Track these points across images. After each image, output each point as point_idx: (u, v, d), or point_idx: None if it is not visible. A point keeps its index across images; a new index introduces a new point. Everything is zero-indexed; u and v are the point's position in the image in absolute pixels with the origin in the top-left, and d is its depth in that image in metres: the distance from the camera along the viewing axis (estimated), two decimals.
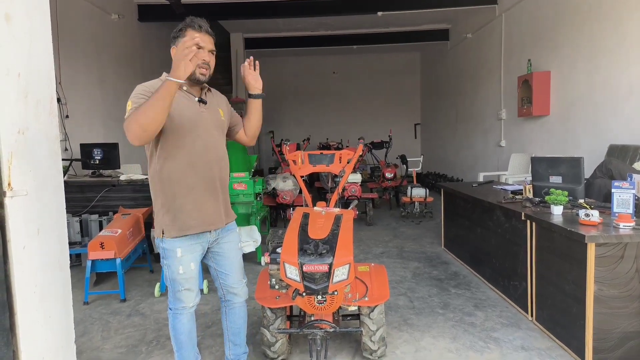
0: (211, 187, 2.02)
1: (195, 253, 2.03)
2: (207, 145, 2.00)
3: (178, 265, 2.00)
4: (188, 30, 1.93)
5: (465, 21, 8.50)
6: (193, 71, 1.89)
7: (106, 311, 3.35)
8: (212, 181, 2.03)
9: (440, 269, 4.20)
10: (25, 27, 1.73)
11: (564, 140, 5.36)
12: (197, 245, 2.03)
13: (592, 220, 2.45)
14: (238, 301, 2.24)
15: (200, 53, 1.90)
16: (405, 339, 2.78)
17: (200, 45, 1.91)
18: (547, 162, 3.19)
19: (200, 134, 1.97)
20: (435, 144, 11.03)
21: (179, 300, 2.05)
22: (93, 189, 4.67)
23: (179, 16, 7.10)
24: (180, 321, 2.08)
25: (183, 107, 1.94)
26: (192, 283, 2.05)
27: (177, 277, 2.01)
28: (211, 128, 2.03)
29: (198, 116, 1.98)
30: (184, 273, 2.01)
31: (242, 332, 2.30)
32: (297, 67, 12.29)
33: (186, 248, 2.00)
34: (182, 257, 1.99)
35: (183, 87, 1.96)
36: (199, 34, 1.92)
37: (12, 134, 1.64)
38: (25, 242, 1.71)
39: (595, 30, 4.73)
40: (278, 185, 5.68)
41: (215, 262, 2.16)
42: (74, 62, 5.79)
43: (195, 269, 2.04)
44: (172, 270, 2.01)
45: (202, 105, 2.01)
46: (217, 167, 2.05)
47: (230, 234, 2.18)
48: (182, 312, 2.07)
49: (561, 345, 2.62)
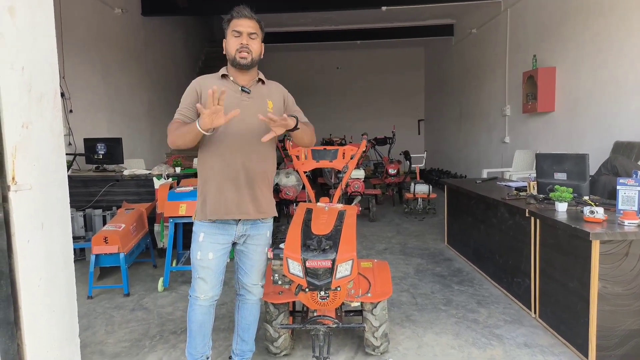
0: (233, 175, 2.00)
1: (216, 243, 2.04)
2: (237, 134, 1.98)
3: (197, 250, 2.04)
4: (230, 22, 2.02)
5: (470, 16, 8.44)
6: (233, 57, 1.99)
7: (110, 305, 3.37)
8: (234, 170, 2.00)
9: (443, 266, 4.19)
10: (29, 20, 1.73)
11: (569, 137, 5.32)
12: (219, 235, 2.04)
13: (597, 217, 2.44)
14: (251, 298, 2.24)
15: (237, 39, 1.98)
16: (407, 335, 2.78)
17: (239, 30, 1.97)
18: (551, 159, 3.17)
19: (234, 121, 1.90)
20: (439, 140, 10.99)
21: (194, 288, 2.09)
22: (97, 184, 4.68)
23: (182, 10, 7.09)
24: (193, 311, 2.11)
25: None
26: (207, 274, 2.04)
27: (195, 262, 2.05)
28: (248, 118, 1.96)
29: (236, 105, 1.92)
30: (200, 260, 2.03)
31: (251, 328, 2.30)
32: (301, 62, 12.25)
33: (208, 234, 2.03)
34: (203, 242, 2.04)
35: (230, 78, 2.05)
36: (237, 20, 1.99)
37: (16, 128, 1.64)
38: (30, 236, 1.71)
39: (601, 25, 4.69)
40: (281, 181, 5.68)
41: (238, 258, 2.19)
42: (78, 57, 5.79)
43: (213, 259, 2.03)
44: (193, 254, 2.07)
45: (244, 94, 2.01)
46: (243, 157, 1.99)
47: (260, 237, 2.14)
48: (195, 302, 2.09)
49: (564, 343, 2.62)
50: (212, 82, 1.99)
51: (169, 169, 4.78)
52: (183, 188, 3.84)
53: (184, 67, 9.61)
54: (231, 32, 1.99)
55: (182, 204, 3.64)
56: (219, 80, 2.03)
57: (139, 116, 7.49)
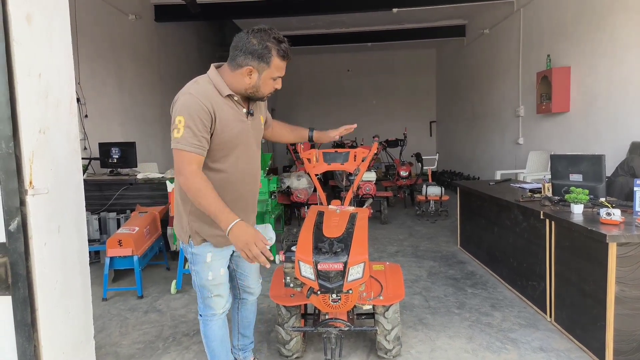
0: (243, 205, 1.96)
1: (224, 259, 2.00)
2: (246, 163, 1.94)
3: (207, 272, 1.93)
4: (276, 58, 1.75)
5: (482, 17, 8.37)
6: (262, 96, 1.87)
7: (124, 307, 3.41)
8: (244, 200, 1.98)
9: (456, 269, 4.15)
10: (46, 27, 1.76)
11: (585, 138, 5.24)
12: (225, 251, 1.99)
13: (614, 219, 2.39)
14: (251, 299, 2.29)
15: (274, 83, 1.82)
16: (420, 339, 2.76)
17: (279, 76, 1.81)
18: (567, 160, 3.12)
19: (243, 150, 1.88)
20: (451, 141, 10.90)
21: (209, 307, 2.00)
22: (111, 188, 4.75)
23: (194, 16, 7.16)
24: (211, 328, 2.03)
25: (232, 121, 1.82)
26: (222, 289, 1.99)
27: (207, 284, 1.95)
28: (252, 144, 1.95)
29: (243, 131, 1.87)
30: (213, 279, 1.95)
31: (251, 325, 2.36)
32: (312, 65, 12.28)
33: (217, 253, 1.94)
34: (212, 262, 1.93)
35: (234, 97, 1.84)
36: (283, 62, 1.78)
37: (34, 134, 1.68)
38: (47, 239, 1.74)
39: (617, 23, 4.61)
40: (292, 184, 5.69)
41: (235, 264, 2.16)
42: (93, 63, 5.90)
43: (224, 274, 2.00)
44: (201, 276, 1.94)
45: (249, 117, 1.92)
46: (252, 184, 2.01)
47: None
48: (212, 319, 2.02)
49: (581, 347, 2.57)
50: (219, 101, 1.79)
51: None
52: None
53: (196, 71, 9.62)
54: (272, 72, 1.77)
55: None
56: (223, 99, 1.81)
57: (152, 121, 7.59)
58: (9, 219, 1.59)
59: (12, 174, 1.59)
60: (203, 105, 1.72)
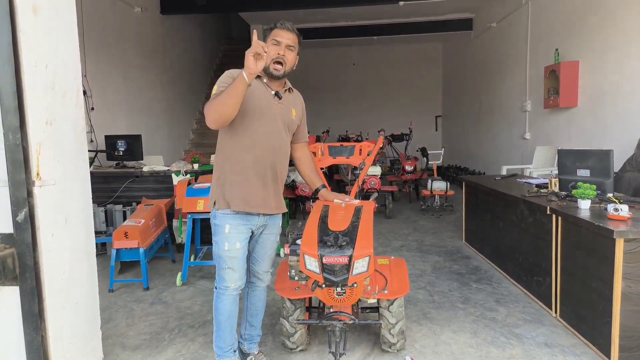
0: (262, 172, 2.11)
1: (241, 234, 2.12)
2: (270, 133, 2.10)
3: (224, 242, 2.09)
4: (272, 31, 2.08)
5: (489, 10, 8.28)
6: (267, 66, 2.03)
7: (130, 299, 3.44)
8: (264, 167, 2.11)
9: (460, 263, 4.14)
10: (53, 19, 1.76)
11: (593, 133, 5.19)
12: (244, 226, 2.12)
13: (621, 215, 2.37)
14: (260, 285, 2.36)
15: (276, 48, 2.03)
16: (424, 333, 2.76)
17: (277, 40, 2.03)
18: (574, 155, 3.09)
19: (267, 121, 2.08)
20: (457, 136, 10.84)
21: (222, 278, 2.14)
22: (117, 180, 4.78)
23: (200, 8, 7.15)
24: (222, 301, 2.15)
25: (258, 95, 2.07)
26: (236, 263, 2.12)
27: (223, 254, 2.10)
28: (278, 120, 2.13)
29: (269, 107, 2.09)
30: (229, 250, 2.09)
31: (259, 314, 2.40)
32: (317, 59, 12.22)
33: (234, 226, 2.09)
34: (229, 234, 2.09)
35: (263, 80, 2.10)
36: (279, 30, 2.06)
37: (41, 125, 1.68)
38: (54, 231, 1.75)
39: (626, 17, 4.54)
40: (297, 178, 5.68)
41: (252, 247, 2.25)
42: (99, 55, 5.90)
43: (240, 249, 2.11)
44: (219, 246, 2.11)
45: (276, 98, 2.12)
46: (273, 156, 2.13)
47: (274, 227, 2.28)
48: (225, 292, 2.14)
49: (586, 343, 2.56)
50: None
51: (187, 165, 4.84)
52: (201, 184, 3.89)
53: (202, 64, 9.68)
54: (271, 40, 2.06)
55: (200, 199, 3.68)
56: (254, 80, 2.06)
57: (158, 113, 7.60)
58: (17, 210, 1.59)
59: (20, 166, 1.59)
60: (229, 75, 2.02)
